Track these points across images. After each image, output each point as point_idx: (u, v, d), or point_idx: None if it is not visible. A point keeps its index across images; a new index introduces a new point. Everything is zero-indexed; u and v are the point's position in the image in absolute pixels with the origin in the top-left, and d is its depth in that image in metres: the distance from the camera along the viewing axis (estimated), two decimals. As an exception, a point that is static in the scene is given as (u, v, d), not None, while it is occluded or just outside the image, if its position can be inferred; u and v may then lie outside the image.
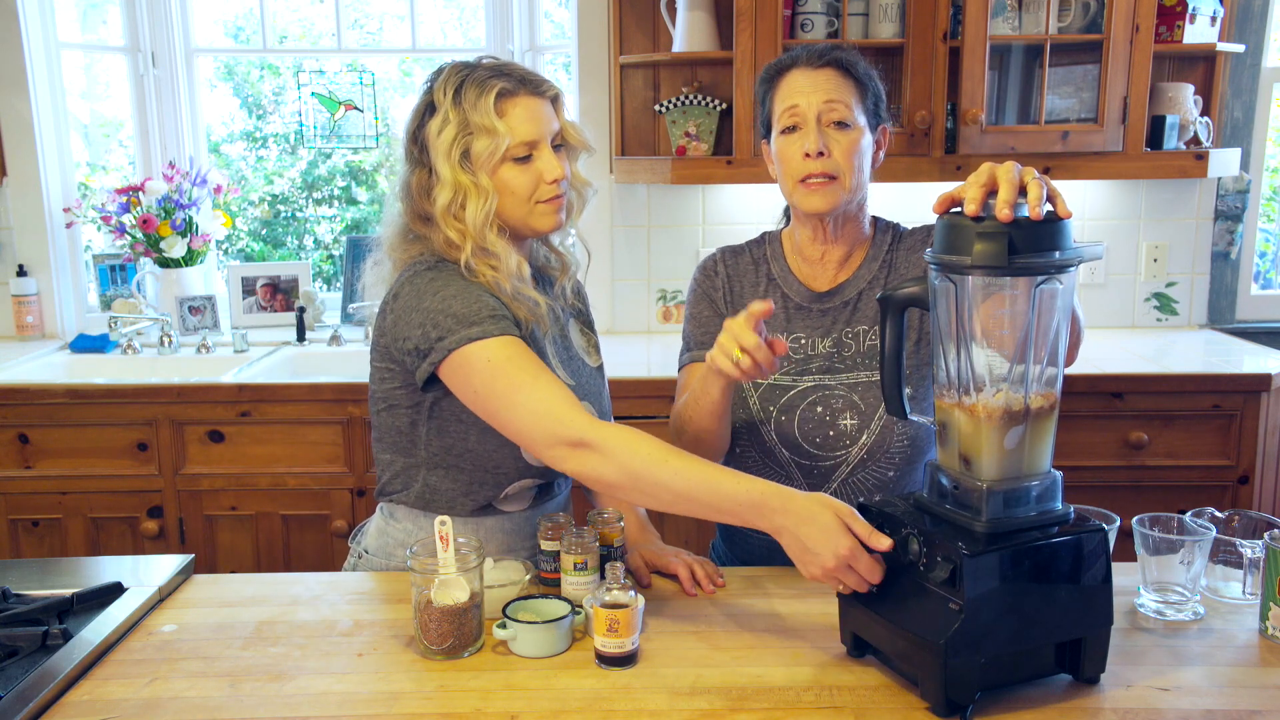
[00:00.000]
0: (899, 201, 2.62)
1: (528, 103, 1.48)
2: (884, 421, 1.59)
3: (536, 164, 1.49)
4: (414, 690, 1.25)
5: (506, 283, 1.48)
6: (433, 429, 1.53)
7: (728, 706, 1.20)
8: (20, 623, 1.37)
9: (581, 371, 1.62)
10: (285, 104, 4.40)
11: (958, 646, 1.13)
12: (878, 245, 1.67)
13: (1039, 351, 1.19)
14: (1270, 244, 3.59)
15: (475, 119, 1.45)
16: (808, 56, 1.58)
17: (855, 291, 1.66)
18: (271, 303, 3.37)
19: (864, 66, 1.60)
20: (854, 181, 1.57)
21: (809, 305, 1.67)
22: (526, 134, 1.47)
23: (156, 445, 2.67)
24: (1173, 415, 2.62)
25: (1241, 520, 1.47)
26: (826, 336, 1.65)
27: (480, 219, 1.47)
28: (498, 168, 1.47)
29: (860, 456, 1.61)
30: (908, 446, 1.61)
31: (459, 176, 1.46)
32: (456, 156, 1.46)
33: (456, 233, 1.48)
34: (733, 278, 1.72)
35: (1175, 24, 2.82)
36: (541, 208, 1.51)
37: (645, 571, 1.55)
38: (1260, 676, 1.25)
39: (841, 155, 1.55)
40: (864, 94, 1.59)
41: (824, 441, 1.61)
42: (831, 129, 1.56)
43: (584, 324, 1.71)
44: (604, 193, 3.18)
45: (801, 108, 1.56)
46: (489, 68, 1.49)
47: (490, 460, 1.51)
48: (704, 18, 2.85)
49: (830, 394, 1.62)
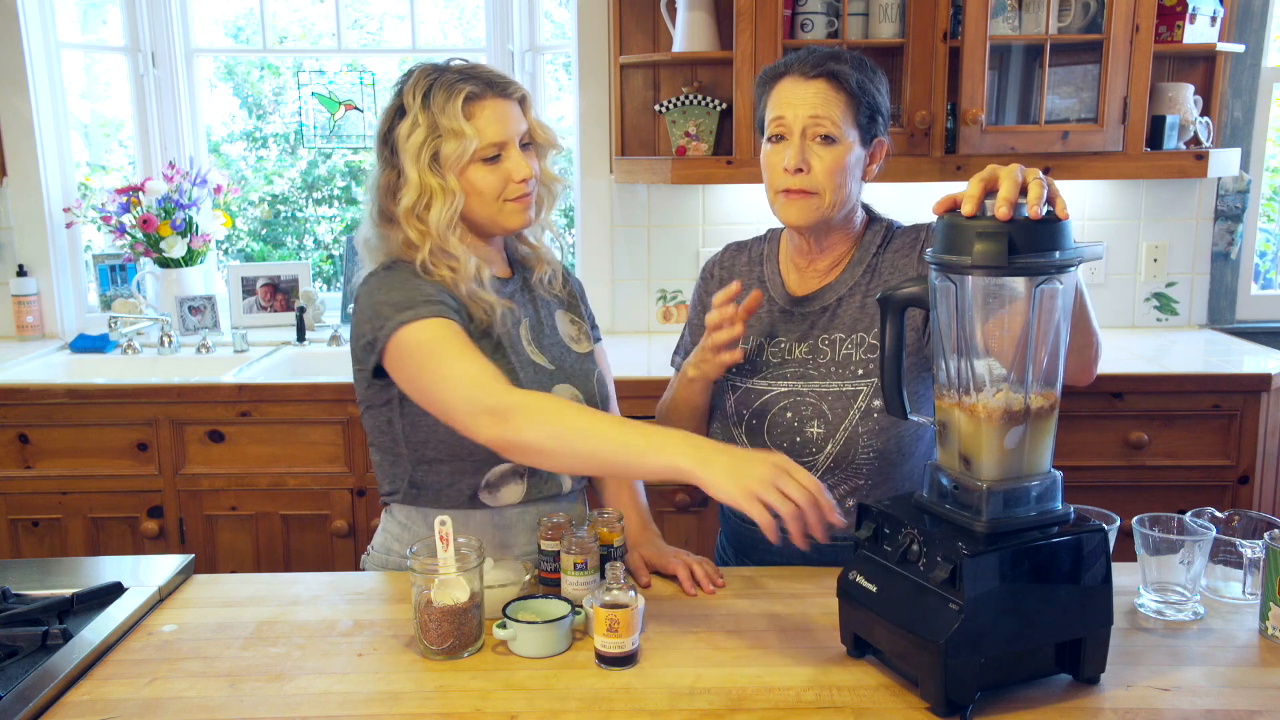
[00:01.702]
0: (899, 201, 2.62)
1: (495, 105, 1.51)
2: (849, 434, 1.58)
3: (505, 164, 1.52)
4: (414, 690, 1.25)
5: (464, 284, 1.52)
6: (407, 424, 1.56)
7: (728, 706, 1.20)
8: (20, 623, 1.37)
9: (566, 357, 1.64)
10: (285, 104, 4.40)
11: (958, 646, 1.13)
12: (864, 248, 1.64)
13: (1039, 351, 1.19)
14: (1270, 244, 3.59)
15: (444, 122, 1.49)
16: (801, 66, 1.56)
17: (835, 297, 1.63)
18: (271, 303, 3.37)
19: (859, 79, 1.55)
20: (834, 198, 1.55)
21: (790, 309, 1.66)
22: (494, 136, 1.51)
23: (156, 445, 2.67)
24: (1173, 415, 2.62)
25: (1241, 520, 1.47)
26: (803, 341, 1.64)
27: (444, 220, 1.51)
28: (466, 169, 1.51)
29: (827, 464, 1.60)
30: (875, 459, 1.59)
31: (426, 178, 1.50)
32: (426, 159, 1.50)
33: (417, 233, 1.52)
34: (726, 279, 1.72)
35: (1175, 24, 2.82)
36: (510, 206, 1.54)
37: (644, 571, 1.55)
38: (1260, 676, 1.25)
39: (823, 171, 1.53)
40: (856, 107, 1.55)
41: (791, 448, 1.60)
42: (816, 144, 1.53)
43: (575, 313, 1.72)
44: (604, 193, 3.18)
45: (787, 120, 1.54)
46: (457, 70, 1.52)
47: (463, 448, 1.52)
48: (704, 18, 2.85)
49: (801, 400, 1.61)
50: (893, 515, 1.26)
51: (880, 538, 1.27)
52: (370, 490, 2.67)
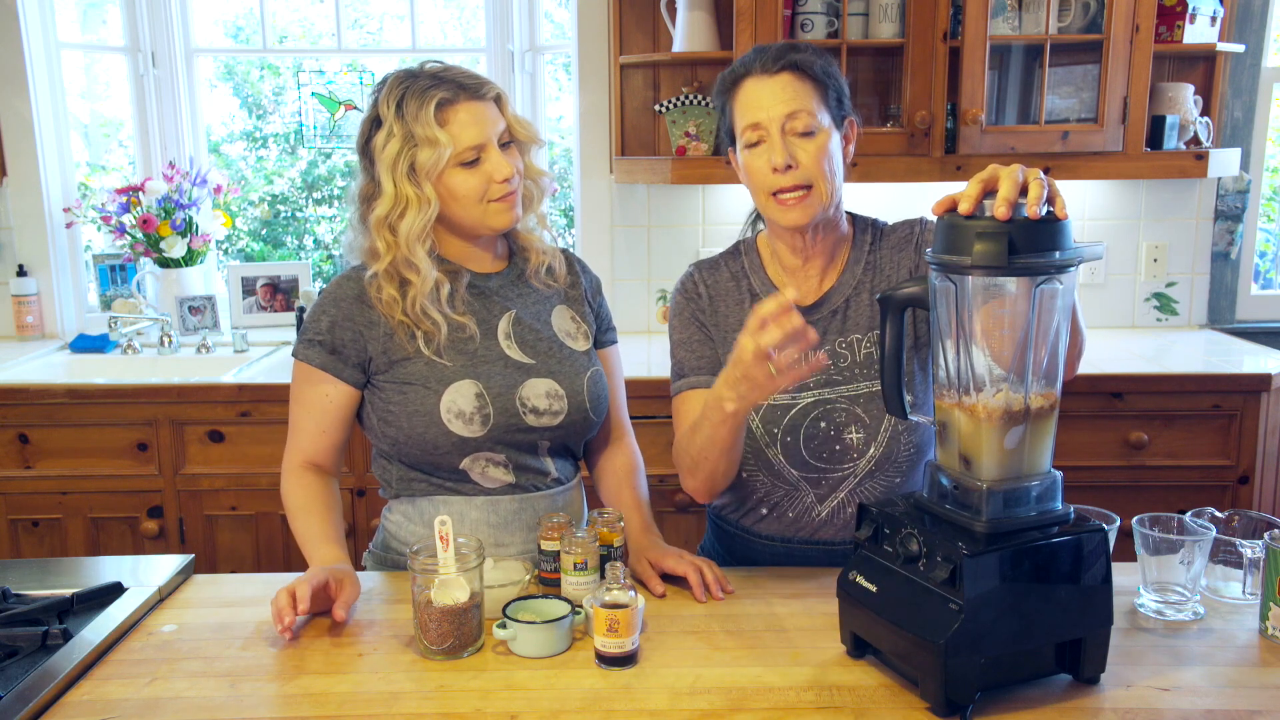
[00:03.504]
0: (899, 201, 2.62)
1: (469, 107, 1.52)
2: (891, 432, 1.56)
3: (485, 165, 1.53)
4: (414, 690, 1.25)
5: (418, 300, 1.54)
6: (375, 421, 1.60)
7: (728, 706, 1.20)
8: (20, 623, 1.37)
9: (554, 353, 1.63)
10: (285, 104, 4.40)
11: (958, 646, 1.13)
12: (859, 247, 1.62)
13: (1039, 351, 1.19)
14: (1270, 244, 3.59)
15: (418, 131, 1.50)
16: (762, 63, 1.51)
17: (842, 299, 1.60)
18: (271, 303, 3.37)
19: (821, 65, 1.52)
20: (829, 187, 1.51)
21: None
22: (470, 139, 1.51)
23: (156, 445, 2.67)
24: (1173, 415, 2.62)
25: (1241, 520, 1.47)
26: (818, 350, 1.56)
27: (415, 231, 1.52)
28: (443, 175, 1.52)
29: (868, 468, 1.58)
30: (914, 454, 1.58)
31: (402, 188, 1.52)
32: (403, 169, 1.51)
33: (384, 243, 1.54)
34: (715, 297, 1.65)
35: (1175, 24, 2.82)
36: (495, 206, 1.55)
37: (657, 581, 1.52)
38: (1260, 676, 1.25)
39: (811, 163, 1.49)
40: (825, 93, 1.51)
41: (831, 456, 1.58)
42: (796, 138, 1.49)
43: (576, 310, 1.71)
44: (604, 193, 3.18)
45: (763, 121, 1.49)
46: (429, 75, 1.53)
47: (424, 439, 1.56)
48: (704, 18, 2.85)
49: (832, 407, 1.57)
50: (893, 515, 1.26)
51: (880, 538, 1.27)
52: (370, 490, 2.67)
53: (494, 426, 1.55)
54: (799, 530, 1.63)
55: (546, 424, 1.59)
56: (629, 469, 1.72)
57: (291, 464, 1.62)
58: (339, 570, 1.44)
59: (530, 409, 1.58)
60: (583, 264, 1.77)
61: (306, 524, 1.56)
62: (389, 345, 1.56)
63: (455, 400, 1.54)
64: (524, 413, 1.57)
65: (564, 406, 1.60)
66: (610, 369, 1.74)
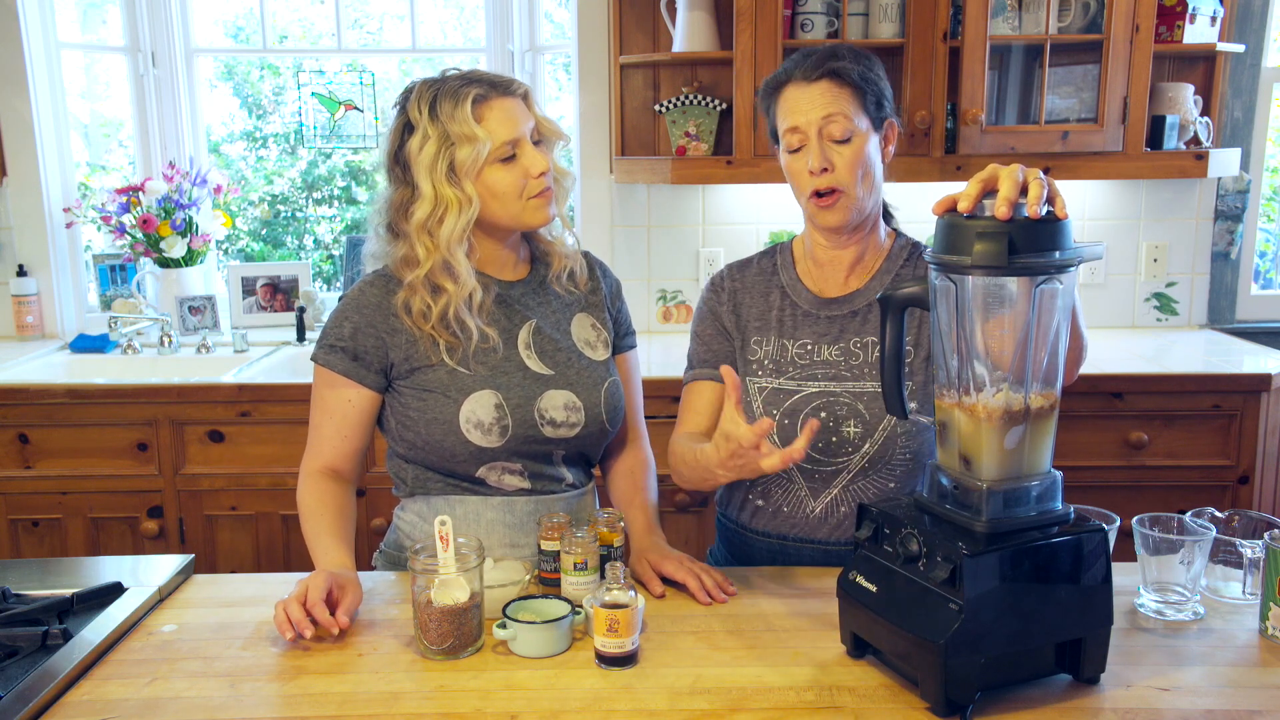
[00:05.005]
0: (898, 201, 2.61)
1: (502, 104, 1.52)
2: (888, 434, 1.58)
3: (521, 161, 1.53)
4: (414, 690, 1.25)
5: (451, 306, 1.54)
6: (394, 424, 1.60)
7: (728, 706, 1.20)
8: (20, 623, 1.37)
9: (573, 364, 1.63)
10: (285, 104, 4.40)
11: (958, 646, 1.13)
12: (892, 258, 1.67)
13: (1039, 351, 1.19)
14: (1270, 244, 3.59)
15: (454, 129, 1.49)
16: (802, 70, 1.57)
17: (864, 303, 1.65)
18: (271, 303, 3.37)
19: (859, 71, 1.56)
20: (861, 191, 1.57)
21: (815, 312, 1.66)
22: (507, 134, 1.51)
23: (156, 445, 2.67)
24: (1173, 415, 2.62)
25: (1241, 520, 1.47)
26: (834, 344, 1.64)
27: (456, 233, 1.51)
28: (483, 172, 1.51)
29: (861, 465, 1.60)
30: (910, 460, 1.60)
31: (442, 190, 1.51)
32: (442, 170, 1.50)
33: (424, 248, 1.52)
34: (738, 291, 1.72)
35: (1175, 24, 2.82)
36: (533, 203, 1.55)
37: (657, 582, 1.53)
38: (1260, 676, 1.25)
39: (845, 169, 1.55)
40: (863, 98, 1.56)
41: (826, 447, 1.61)
42: (833, 144, 1.55)
43: (596, 317, 1.71)
44: (604, 193, 3.18)
45: (801, 126, 1.56)
46: (458, 78, 1.53)
47: (442, 447, 1.56)
48: (704, 18, 2.85)
49: (835, 400, 1.61)
50: (893, 515, 1.26)
51: (880, 538, 1.27)
52: (370, 490, 2.67)
53: (511, 438, 1.55)
54: (794, 528, 1.64)
55: (563, 435, 1.59)
56: (641, 471, 1.74)
57: (310, 468, 1.61)
58: (342, 576, 1.44)
59: (548, 420, 1.58)
60: (604, 267, 1.77)
61: (316, 526, 1.55)
62: (411, 352, 1.56)
63: (475, 410, 1.54)
64: (541, 424, 1.57)
65: (581, 419, 1.61)
66: (627, 374, 1.75)
